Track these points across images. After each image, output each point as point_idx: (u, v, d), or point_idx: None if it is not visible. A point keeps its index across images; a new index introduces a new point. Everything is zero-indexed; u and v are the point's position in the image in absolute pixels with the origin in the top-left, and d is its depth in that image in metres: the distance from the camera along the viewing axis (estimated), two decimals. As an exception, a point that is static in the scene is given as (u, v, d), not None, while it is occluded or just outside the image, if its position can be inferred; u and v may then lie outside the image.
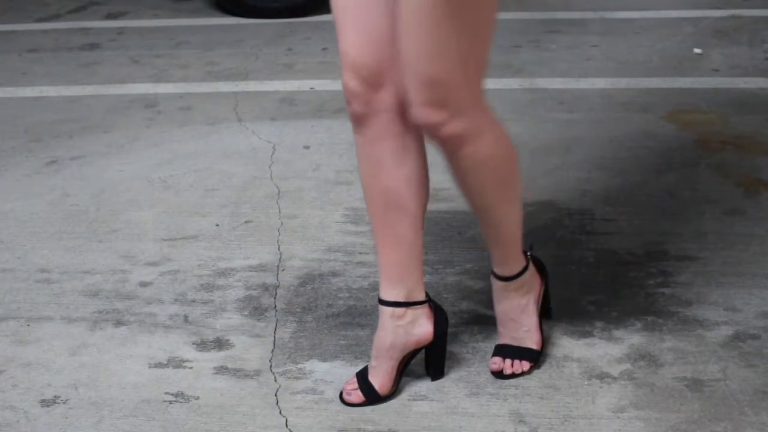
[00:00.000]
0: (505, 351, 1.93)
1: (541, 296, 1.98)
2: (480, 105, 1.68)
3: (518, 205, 1.84)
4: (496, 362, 1.91)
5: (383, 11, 1.65)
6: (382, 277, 1.84)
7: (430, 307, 1.87)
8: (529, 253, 1.94)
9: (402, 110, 1.71)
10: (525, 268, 1.91)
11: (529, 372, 1.91)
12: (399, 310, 1.83)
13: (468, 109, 1.65)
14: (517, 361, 1.91)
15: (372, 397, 1.85)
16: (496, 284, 1.92)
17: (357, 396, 1.86)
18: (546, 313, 2.03)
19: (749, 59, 3.92)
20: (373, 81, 1.69)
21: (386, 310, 1.84)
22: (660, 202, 2.65)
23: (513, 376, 1.90)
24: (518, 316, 1.92)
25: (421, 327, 1.85)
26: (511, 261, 1.89)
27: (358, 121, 1.75)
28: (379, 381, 1.86)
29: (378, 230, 1.83)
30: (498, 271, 1.90)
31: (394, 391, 1.87)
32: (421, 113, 1.64)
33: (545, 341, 1.96)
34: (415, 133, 1.76)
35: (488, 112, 1.71)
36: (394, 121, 1.73)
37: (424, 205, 1.83)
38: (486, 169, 1.73)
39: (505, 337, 1.94)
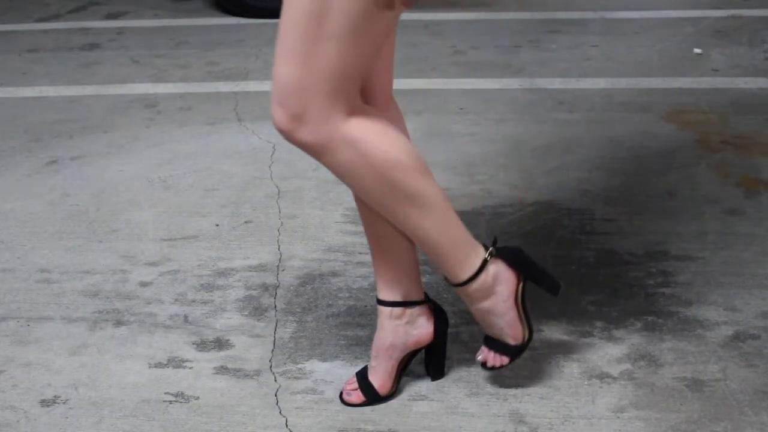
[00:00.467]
0: (489, 343, 1.86)
1: (520, 290, 1.82)
2: (337, 118, 1.57)
3: (427, 212, 1.68)
4: (482, 352, 1.86)
5: None
6: (379, 277, 1.83)
7: (429, 307, 1.87)
8: (489, 252, 1.77)
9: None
10: (476, 273, 1.75)
11: (508, 364, 1.84)
12: (397, 310, 1.83)
13: (319, 122, 1.55)
14: (498, 355, 1.84)
15: (372, 397, 1.85)
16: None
17: (357, 396, 1.86)
18: (552, 291, 1.85)
19: (749, 59, 3.92)
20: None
21: (385, 310, 1.84)
22: (660, 202, 2.65)
23: (494, 368, 1.85)
24: (485, 317, 1.82)
25: (420, 327, 1.85)
26: (450, 268, 1.75)
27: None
28: (379, 381, 1.86)
29: (370, 232, 1.82)
30: (446, 276, 1.79)
31: (394, 391, 1.87)
32: (273, 115, 1.58)
33: (530, 333, 1.84)
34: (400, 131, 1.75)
35: (350, 125, 1.58)
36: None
37: None
38: (356, 179, 1.64)
39: (485, 330, 1.87)
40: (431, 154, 3.02)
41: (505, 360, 1.85)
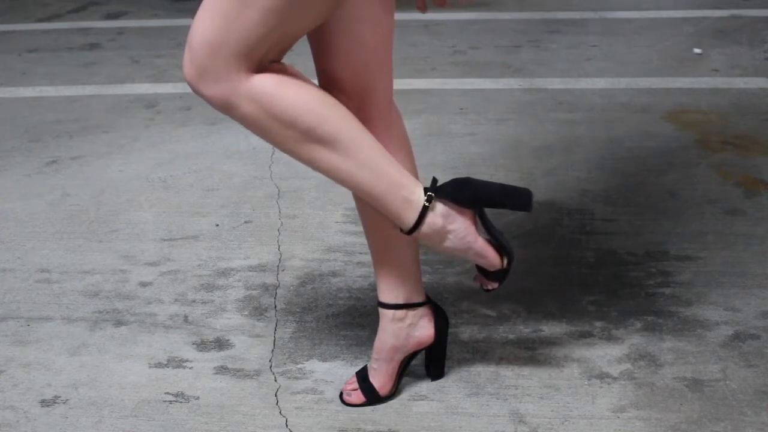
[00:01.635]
0: (478, 268, 1.79)
1: (478, 222, 1.73)
2: (240, 76, 1.56)
3: (351, 153, 1.61)
4: (476, 277, 1.79)
5: None
6: (380, 280, 1.83)
7: (430, 308, 1.86)
8: (428, 195, 1.67)
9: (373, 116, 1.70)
10: (421, 216, 1.65)
11: (498, 287, 1.77)
12: (399, 313, 1.83)
13: (220, 78, 1.55)
14: (487, 280, 1.77)
15: (372, 397, 1.85)
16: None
17: (357, 396, 1.86)
18: (521, 208, 1.76)
19: (749, 59, 3.92)
20: None
21: (387, 313, 1.83)
22: (660, 202, 2.65)
23: (489, 291, 1.78)
24: (455, 255, 1.73)
25: (421, 328, 1.85)
26: (393, 214, 1.67)
27: None
28: (380, 382, 1.86)
29: (371, 234, 1.81)
30: (396, 225, 1.70)
31: (395, 392, 1.87)
32: (183, 66, 1.58)
33: (508, 255, 1.74)
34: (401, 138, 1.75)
35: (252, 81, 1.57)
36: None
37: None
38: (264, 132, 1.62)
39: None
40: (431, 154, 3.02)
41: (495, 284, 1.77)
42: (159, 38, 4.55)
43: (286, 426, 1.80)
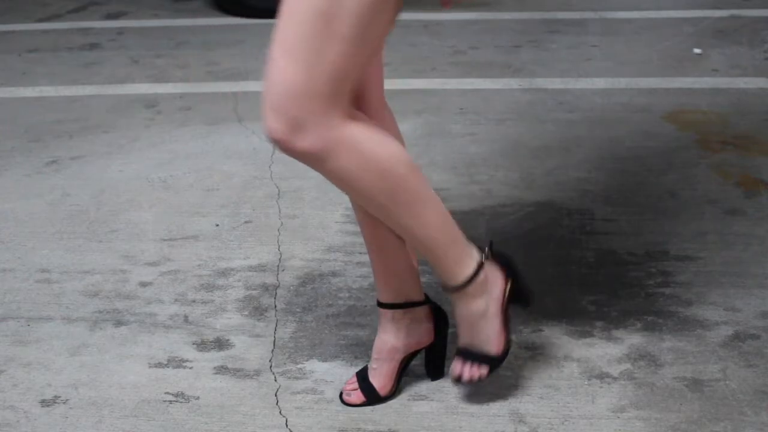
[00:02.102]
0: (466, 354, 1.81)
1: (507, 294, 1.81)
2: (338, 122, 1.50)
3: (426, 210, 1.66)
4: (456, 367, 1.81)
5: None
6: (379, 280, 1.82)
7: (429, 307, 1.86)
8: (485, 252, 1.78)
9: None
10: (474, 274, 1.74)
11: (486, 377, 1.80)
12: (399, 313, 1.82)
13: (320, 127, 1.48)
14: (475, 366, 1.80)
15: (372, 397, 1.85)
16: (447, 293, 1.80)
17: (357, 396, 1.86)
18: (523, 303, 1.87)
19: (749, 59, 3.92)
20: None
21: (386, 313, 1.83)
22: (660, 202, 2.65)
23: (470, 382, 1.80)
24: (477, 321, 1.79)
25: (421, 328, 1.85)
26: (449, 269, 1.73)
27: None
28: (380, 382, 1.86)
29: (369, 236, 1.80)
30: (443, 281, 1.77)
31: (395, 392, 1.87)
32: (267, 124, 1.49)
33: (509, 344, 1.83)
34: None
35: (350, 128, 1.53)
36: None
37: None
38: (356, 183, 1.58)
39: (465, 340, 1.81)
40: (431, 154, 3.02)
41: (484, 372, 1.80)
42: (159, 38, 4.55)
43: (286, 426, 1.80)
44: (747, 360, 1.95)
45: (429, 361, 1.91)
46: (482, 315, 1.78)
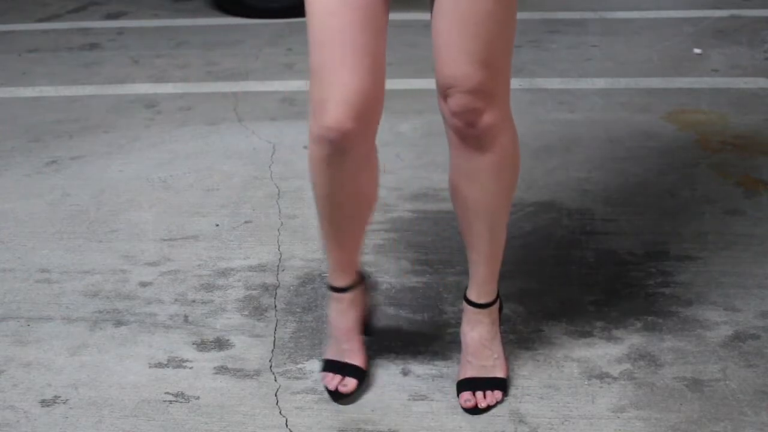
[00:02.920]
0: (474, 384, 1.84)
1: (500, 316, 1.96)
2: (508, 98, 1.68)
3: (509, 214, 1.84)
4: (469, 398, 1.83)
5: (376, 31, 1.61)
6: (338, 268, 1.88)
7: (362, 279, 1.96)
8: None
9: None
10: (499, 293, 1.91)
11: (501, 401, 1.84)
12: (353, 293, 1.91)
13: (502, 101, 1.65)
14: (489, 392, 1.83)
15: (360, 376, 1.89)
16: (471, 311, 1.88)
17: (351, 383, 1.87)
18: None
19: (749, 59, 3.92)
20: (370, 111, 1.64)
21: (346, 297, 1.90)
22: (660, 202, 2.65)
23: (488, 409, 1.82)
24: (490, 342, 1.87)
25: (363, 297, 1.95)
26: (493, 283, 1.87)
27: (341, 152, 1.66)
28: (359, 358, 1.91)
29: (340, 231, 1.84)
30: (476, 297, 1.87)
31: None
32: (466, 101, 1.61)
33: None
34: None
35: (510, 109, 1.70)
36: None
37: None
38: (504, 170, 1.72)
39: (472, 369, 1.86)
40: (431, 154, 3.02)
41: (499, 395, 1.84)
42: (159, 38, 4.55)
43: (286, 426, 1.80)
44: (747, 360, 1.95)
45: (368, 322, 2.01)
46: (495, 335, 1.89)
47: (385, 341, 2.05)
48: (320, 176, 1.74)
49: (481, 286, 1.86)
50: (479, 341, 1.87)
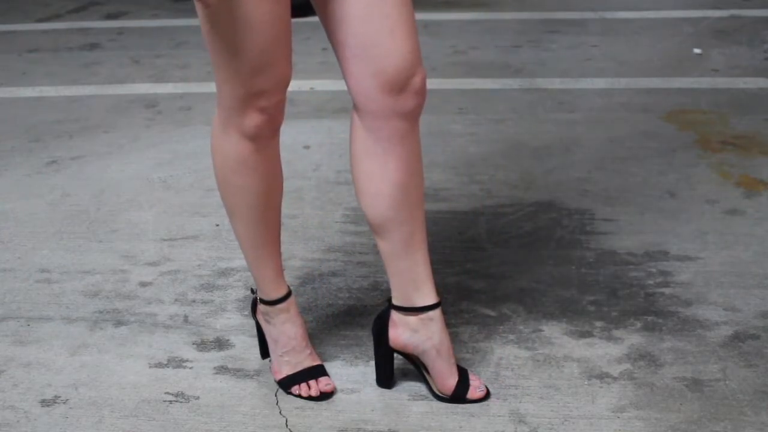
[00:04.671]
0: (466, 376, 1.87)
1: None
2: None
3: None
4: (479, 385, 1.86)
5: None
6: (275, 277, 1.86)
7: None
8: None
9: None
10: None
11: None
12: (292, 296, 1.89)
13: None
14: (475, 376, 1.88)
15: (326, 373, 1.90)
16: (434, 316, 1.84)
17: (329, 381, 1.89)
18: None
19: (749, 59, 3.92)
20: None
21: (291, 303, 1.88)
22: (660, 202, 2.65)
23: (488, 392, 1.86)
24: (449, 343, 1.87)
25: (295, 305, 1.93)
26: (430, 278, 1.86)
27: (274, 142, 1.78)
28: (317, 358, 1.92)
29: (274, 230, 1.85)
30: (428, 299, 1.85)
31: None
32: (418, 77, 1.77)
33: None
34: None
35: None
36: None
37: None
38: (418, 148, 1.86)
39: (453, 366, 1.87)
40: (431, 154, 3.02)
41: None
42: (159, 38, 4.55)
43: (286, 426, 1.80)
44: (747, 360, 1.95)
45: None
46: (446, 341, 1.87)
47: (385, 341, 2.05)
48: (250, 173, 1.76)
49: (424, 286, 1.88)
50: (444, 340, 1.86)
